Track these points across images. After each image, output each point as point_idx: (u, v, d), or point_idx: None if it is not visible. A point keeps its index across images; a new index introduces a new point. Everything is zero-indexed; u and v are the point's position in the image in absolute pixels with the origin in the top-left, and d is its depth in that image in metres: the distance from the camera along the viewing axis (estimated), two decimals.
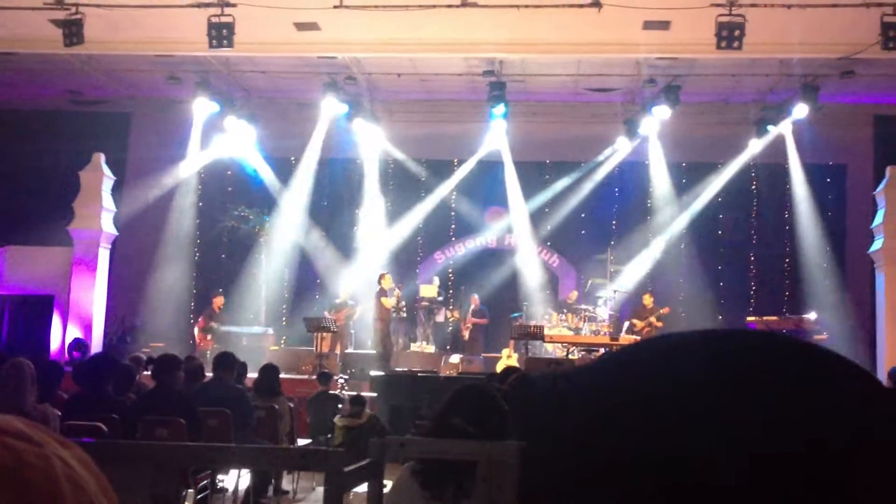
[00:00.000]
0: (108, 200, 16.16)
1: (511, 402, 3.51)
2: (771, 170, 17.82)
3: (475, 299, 16.98)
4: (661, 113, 15.45)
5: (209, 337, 15.52)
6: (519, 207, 18.38)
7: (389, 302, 15.47)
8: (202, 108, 16.11)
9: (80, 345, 14.91)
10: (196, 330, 15.83)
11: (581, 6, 11.16)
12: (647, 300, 16.06)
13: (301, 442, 9.57)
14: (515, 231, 18.60)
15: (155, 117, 17.86)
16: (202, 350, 15.13)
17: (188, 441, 4.69)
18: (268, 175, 18.39)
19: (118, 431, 6.16)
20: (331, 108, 16.03)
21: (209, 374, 8.70)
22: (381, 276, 15.79)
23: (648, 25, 12.34)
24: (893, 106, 16.09)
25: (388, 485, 3.39)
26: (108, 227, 16.11)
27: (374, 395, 12.44)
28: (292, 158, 18.43)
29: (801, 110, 15.11)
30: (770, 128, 16.28)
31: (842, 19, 11.60)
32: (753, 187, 18.11)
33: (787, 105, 15.41)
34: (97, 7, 11.73)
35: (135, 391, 7.86)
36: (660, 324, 15.73)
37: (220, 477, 7.67)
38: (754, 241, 18.18)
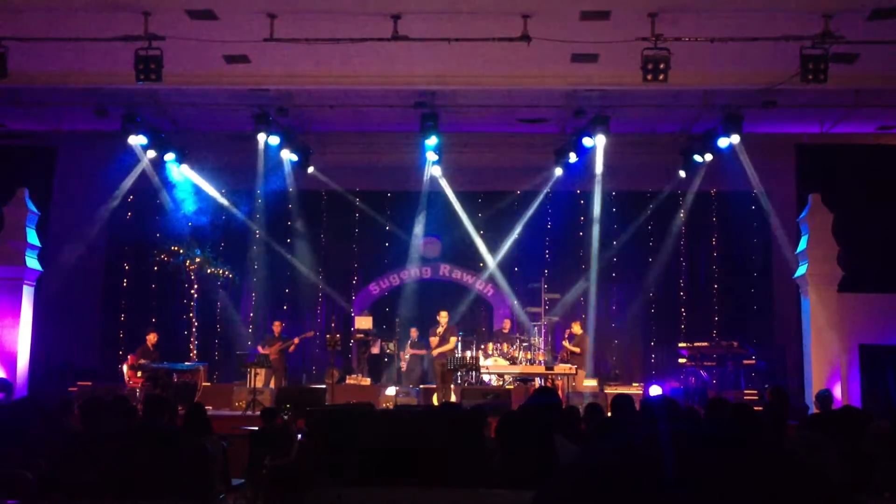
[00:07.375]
0: (32, 237, 15.76)
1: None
2: (698, 197, 18.19)
3: (414, 332, 16.88)
4: (591, 143, 15.67)
5: (139, 374, 15.16)
6: (453, 237, 18.44)
7: (433, 340, 15.75)
8: (130, 141, 15.85)
9: (4, 385, 14.42)
10: (125, 367, 15.44)
11: (511, 39, 11.28)
12: (577, 328, 16.16)
13: (235, 482, 9.36)
14: (449, 261, 18.65)
15: (82, 151, 17.48)
16: (132, 388, 14.78)
17: (119, 489, 4.56)
18: (199, 208, 18.10)
19: (44, 479, 5.96)
20: (262, 140, 15.93)
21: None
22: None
23: (577, 58, 12.54)
24: (814, 135, 16.56)
25: None
26: (32, 263, 15.70)
27: (309, 430, 12.24)
28: (223, 191, 18.21)
29: (725, 140, 15.47)
30: (697, 157, 16.62)
31: (763, 52, 11.92)
32: (681, 215, 18.45)
33: (713, 135, 15.77)
34: (21, 41, 11.49)
35: (63, 435, 7.61)
36: (577, 349, 15.82)
37: None
38: (683, 268, 18.50)
